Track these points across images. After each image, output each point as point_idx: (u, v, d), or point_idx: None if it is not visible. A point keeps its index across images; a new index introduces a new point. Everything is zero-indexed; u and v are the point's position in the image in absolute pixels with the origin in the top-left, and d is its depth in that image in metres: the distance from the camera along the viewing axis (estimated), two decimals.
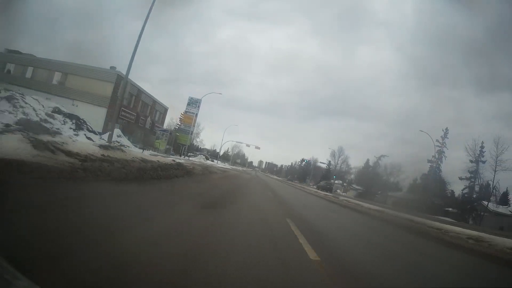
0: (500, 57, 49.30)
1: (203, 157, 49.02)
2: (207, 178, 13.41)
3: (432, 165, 39.87)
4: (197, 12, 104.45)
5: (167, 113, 43.39)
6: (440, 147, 40.86)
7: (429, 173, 39.96)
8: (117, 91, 29.10)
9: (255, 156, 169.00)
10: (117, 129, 25.72)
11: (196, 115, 40.45)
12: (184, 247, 2.79)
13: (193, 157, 41.35)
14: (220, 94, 58.23)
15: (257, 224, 4.98)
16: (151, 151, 23.66)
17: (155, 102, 38.05)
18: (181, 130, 39.93)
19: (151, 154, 14.93)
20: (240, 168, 71.83)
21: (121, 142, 19.28)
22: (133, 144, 25.40)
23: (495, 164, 33.83)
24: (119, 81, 29.18)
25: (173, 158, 18.71)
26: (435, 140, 37.31)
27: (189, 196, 6.77)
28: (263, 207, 7.63)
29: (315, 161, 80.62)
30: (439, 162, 40.81)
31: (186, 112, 40.37)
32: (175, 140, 37.69)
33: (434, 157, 39.09)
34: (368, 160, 64.42)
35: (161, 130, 31.42)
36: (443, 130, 40.38)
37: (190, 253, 2.65)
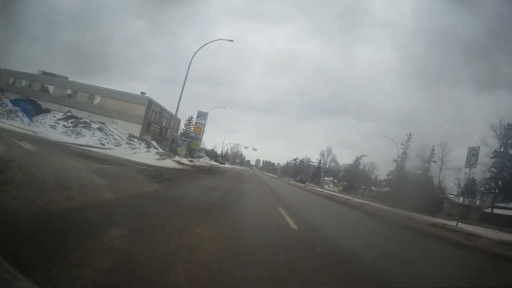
0: (500, 56, 48.73)
1: (208, 159, 58.54)
2: (227, 173, 23.09)
3: (398, 163, 49.81)
4: (196, 12, 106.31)
5: (180, 123, 53.11)
6: (404, 149, 50.78)
7: (394, 170, 49.89)
8: (149, 112, 38.76)
9: (252, 155, 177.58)
10: (153, 141, 35.25)
11: (204, 125, 49.99)
12: (235, 191, 12.41)
13: (201, 159, 50.82)
14: (223, 108, 68.06)
15: (255, 186, 14.62)
16: (180, 157, 33.10)
17: (171, 116, 47.48)
18: (192, 137, 49.47)
19: (189, 160, 24.39)
20: (239, 167, 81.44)
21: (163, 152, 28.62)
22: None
23: (440, 163, 43.76)
24: (149, 104, 38.81)
25: (202, 161, 28.21)
26: (400, 144, 47.11)
27: (231, 178, 16.39)
28: (258, 182, 17.28)
29: (308, 160, 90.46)
30: (403, 162, 50.73)
31: (196, 123, 49.97)
32: (188, 145, 47.24)
33: (399, 157, 48.99)
34: (357, 158, 73.65)
35: (182, 140, 40.88)
36: (407, 135, 50.15)
37: (239, 193, 12.31)
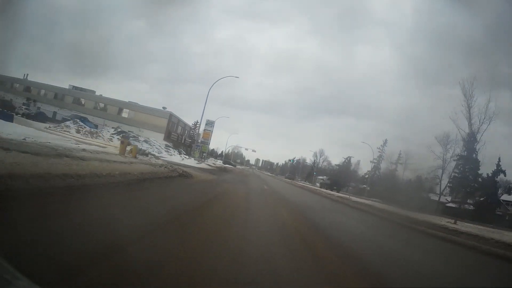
0: (500, 56, 47.95)
1: (213, 159, 68.06)
2: (235, 171, 32.68)
3: (374, 164, 59.56)
4: (196, 11, 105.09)
5: (190, 130, 62.73)
6: (380, 152, 60.44)
7: (372, 170, 59.65)
8: (169, 123, 48.44)
9: (252, 155, 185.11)
10: (182, 149, 44.79)
11: (212, 132, 59.60)
12: (246, 177, 21.99)
13: (208, 160, 60.39)
14: (228, 117, 78.02)
15: (254, 177, 24.31)
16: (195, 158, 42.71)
17: (185, 124, 57.17)
18: (202, 142, 59.14)
19: (207, 164, 33.93)
20: (240, 167, 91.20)
21: (186, 157, 38.18)
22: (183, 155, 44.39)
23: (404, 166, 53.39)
24: (170, 117, 48.49)
25: (211, 163, 37.70)
26: (377, 148, 56.68)
27: (239, 173, 25.99)
28: (256, 176, 26.95)
29: (304, 160, 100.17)
30: (378, 163, 60.50)
31: (204, 130, 59.54)
32: (201, 149, 56.98)
33: (375, 159, 58.70)
34: (344, 160, 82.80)
35: (197, 146, 50.54)
36: (383, 141, 59.68)
37: (248, 180, 21.92)
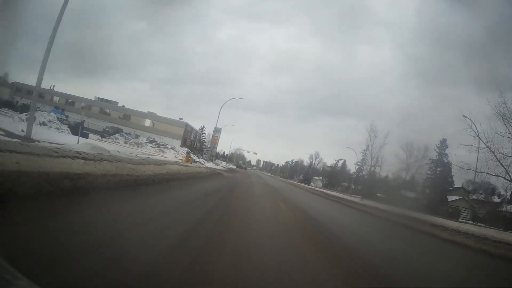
0: (500, 56, 49.03)
1: (219, 161, 78.01)
2: (241, 172, 42.47)
3: (358, 166, 69.35)
4: (197, 12, 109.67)
5: (200, 135, 72.69)
6: (363, 156, 70.14)
7: (356, 171, 69.46)
8: (187, 132, 58.28)
9: (253, 157, 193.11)
10: (199, 154, 54.48)
11: (219, 137, 69.40)
12: (248, 175, 31.74)
13: (216, 160, 70.40)
14: (233, 125, 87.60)
15: (255, 176, 34.14)
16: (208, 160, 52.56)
17: (197, 132, 67.13)
18: (211, 146, 69.00)
19: (222, 166, 43.67)
20: (250, 170, 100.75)
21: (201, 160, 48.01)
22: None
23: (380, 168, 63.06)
24: (186, 126, 58.34)
25: (224, 165, 47.51)
26: (360, 152, 66.20)
27: (243, 173, 35.76)
28: (257, 176, 36.72)
29: (302, 161, 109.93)
30: (362, 165, 70.25)
31: (212, 136, 69.37)
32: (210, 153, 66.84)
33: (359, 161, 68.40)
34: (335, 162, 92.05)
35: (207, 150, 60.32)
36: (366, 145, 69.17)
37: (251, 176, 31.73)
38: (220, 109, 41.58)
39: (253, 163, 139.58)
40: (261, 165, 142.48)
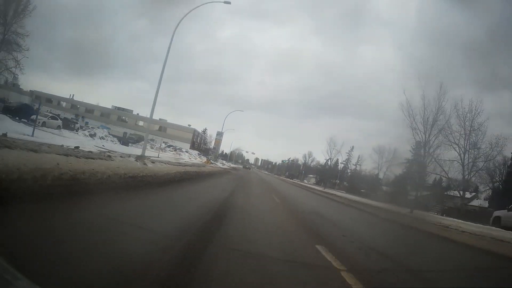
0: (501, 56, 48.40)
1: (221, 161, 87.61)
2: (242, 169, 52.03)
3: (344, 165, 79.35)
4: (199, 11, 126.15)
5: (204, 138, 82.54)
6: (348, 156, 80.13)
7: (342, 169, 79.49)
8: (195, 136, 67.90)
9: (251, 155, 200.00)
10: (209, 156, 64.01)
11: (221, 140, 79.12)
12: (249, 172, 41.34)
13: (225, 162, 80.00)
14: (233, 130, 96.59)
15: (253, 172, 43.88)
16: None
17: (199, 133, 77.04)
18: (214, 148, 78.72)
19: (227, 165, 53.20)
20: (241, 166, 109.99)
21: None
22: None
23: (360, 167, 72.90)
24: (194, 131, 67.93)
25: (228, 164, 57.04)
26: (346, 152, 75.96)
27: (245, 171, 45.37)
28: (255, 173, 46.42)
29: (297, 160, 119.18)
30: (348, 164, 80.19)
31: (216, 138, 79.12)
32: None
33: (344, 161, 78.34)
34: (325, 160, 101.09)
35: (212, 151, 69.94)
36: (350, 148, 79.04)
37: (250, 173, 41.40)
38: (224, 120, 51.06)
39: (252, 161, 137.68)
40: (259, 163, 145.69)
